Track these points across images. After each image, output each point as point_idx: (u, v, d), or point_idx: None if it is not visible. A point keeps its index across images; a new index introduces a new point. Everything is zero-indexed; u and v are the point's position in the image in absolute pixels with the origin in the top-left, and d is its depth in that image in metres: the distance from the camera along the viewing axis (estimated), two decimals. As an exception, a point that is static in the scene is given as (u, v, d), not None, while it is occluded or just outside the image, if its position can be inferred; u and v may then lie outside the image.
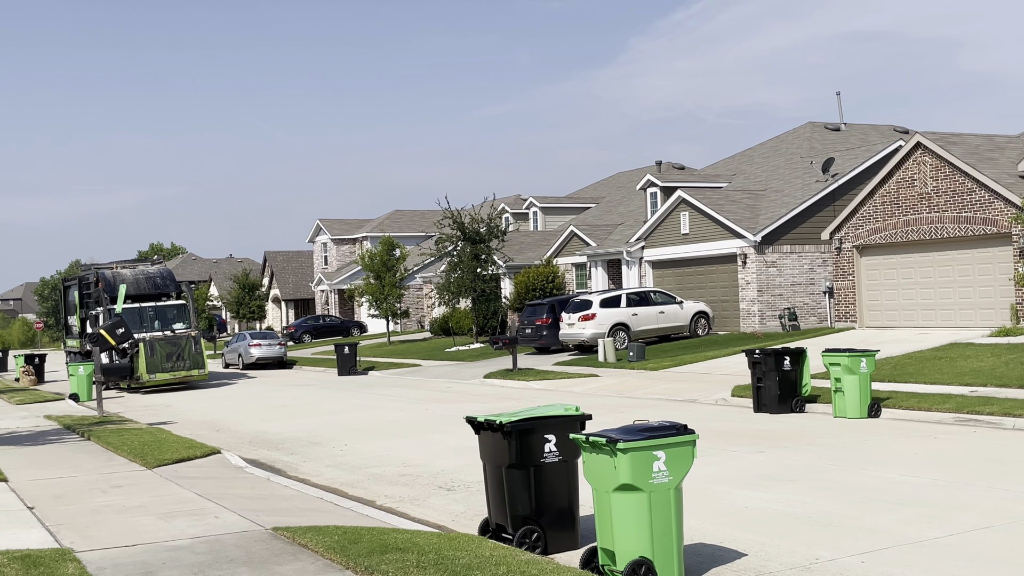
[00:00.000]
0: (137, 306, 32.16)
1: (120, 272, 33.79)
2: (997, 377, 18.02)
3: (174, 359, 30.34)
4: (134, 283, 32.98)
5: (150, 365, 29.97)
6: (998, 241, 25.02)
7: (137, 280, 33.33)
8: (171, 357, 30.32)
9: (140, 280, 33.41)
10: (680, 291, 34.80)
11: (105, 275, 33.01)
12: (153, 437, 16.26)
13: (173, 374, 30.36)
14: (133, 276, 33.57)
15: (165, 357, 30.21)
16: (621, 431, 7.28)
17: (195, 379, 31.15)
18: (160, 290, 33.51)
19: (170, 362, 30.28)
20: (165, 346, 30.38)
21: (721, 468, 11.98)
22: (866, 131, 40.62)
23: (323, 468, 13.96)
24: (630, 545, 7.14)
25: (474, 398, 22.54)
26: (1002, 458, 12.01)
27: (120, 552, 8.28)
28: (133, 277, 33.47)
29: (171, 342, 30.59)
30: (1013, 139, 28.26)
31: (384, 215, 67.66)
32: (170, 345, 30.48)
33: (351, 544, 8.06)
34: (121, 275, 33.34)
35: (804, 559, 7.95)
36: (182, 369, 30.51)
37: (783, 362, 17.12)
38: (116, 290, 31.67)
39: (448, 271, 40.65)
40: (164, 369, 30.18)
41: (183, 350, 30.59)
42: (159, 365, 30.11)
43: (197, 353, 30.92)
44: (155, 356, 30.06)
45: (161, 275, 34.08)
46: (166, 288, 33.71)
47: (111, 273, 33.50)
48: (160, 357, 30.15)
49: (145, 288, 33.19)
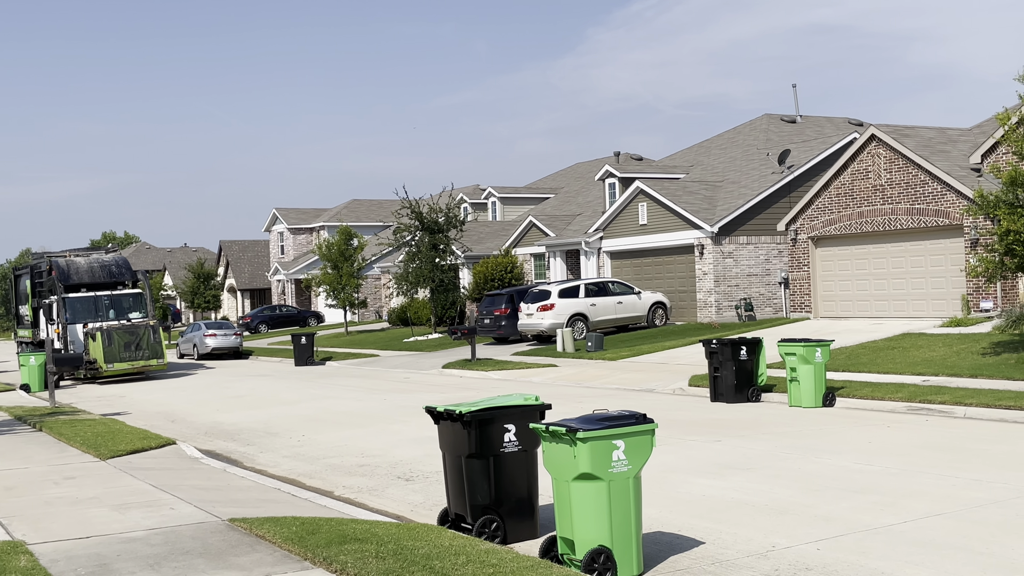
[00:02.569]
0: (92, 295, 31.61)
1: (74, 260, 32.85)
2: (948, 367, 18.32)
3: (132, 348, 29.61)
4: (89, 271, 32.33)
5: (108, 354, 29.24)
6: (950, 233, 25.42)
7: (92, 268, 32.55)
8: (129, 347, 29.57)
9: (95, 268, 32.59)
10: (638, 281, 34.98)
11: (58, 263, 32.16)
12: (107, 428, 16.04)
13: (131, 364, 29.67)
14: (88, 264, 32.71)
15: (123, 346, 29.48)
16: (580, 420, 7.29)
17: (154, 368, 30.54)
18: (116, 279, 32.76)
19: (128, 351, 29.55)
20: (123, 335, 29.61)
21: (679, 457, 12.06)
22: (822, 123, 41.06)
23: (280, 459, 13.86)
24: (589, 534, 7.17)
25: (432, 388, 22.50)
26: (953, 446, 12.20)
27: (73, 544, 8.17)
28: (88, 265, 32.64)
29: (129, 331, 29.84)
30: (965, 132, 28.70)
31: (342, 204, 67.27)
32: (128, 334, 29.72)
33: (309, 535, 8.01)
34: (75, 263, 32.52)
35: (761, 546, 8.02)
36: (141, 359, 29.83)
37: (739, 352, 17.26)
38: (70, 279, 31.52)
39: (406, 261, 40.50)
40: (122, 359, 29.47)
41: (141, 339, 29.85)
42: (117, 354, 29.38)
43: (156, 342, 30.19)
44: (113, 345, 29.34)
45: (116, 263, 33.26)
46: (121, 276, 32.95)
47: (64, 261, 32.61)
48: (118, 346, 29.42)
49: (100, 276, 32.45)
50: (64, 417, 18.05)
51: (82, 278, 32.14)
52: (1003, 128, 19.09)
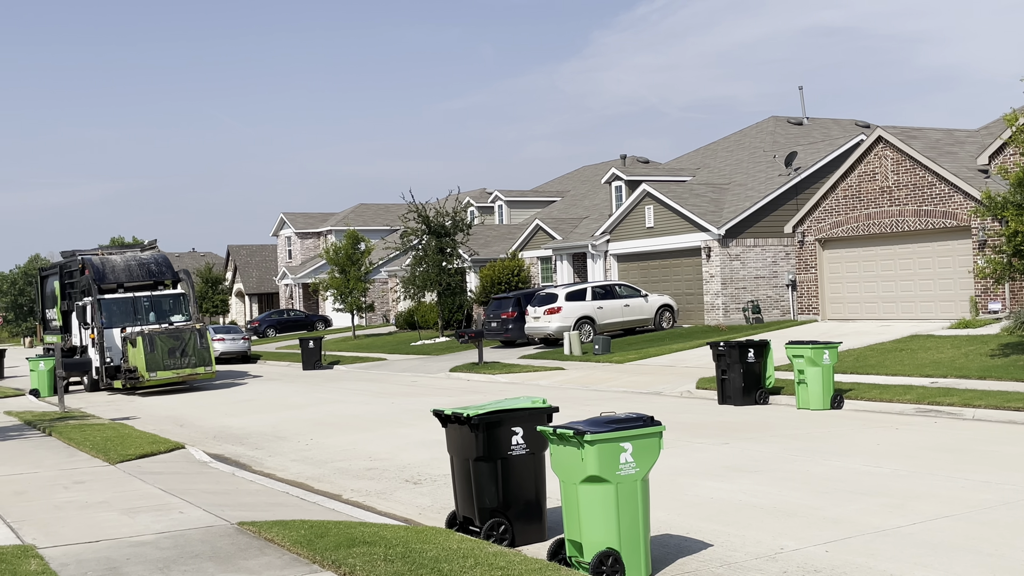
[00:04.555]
0: (131, 296, 28.81)
1: (109, 258, 30.03)
2: (957, 368, 18.28)
3: (177, 355, 26.53)
4: (126, 270, 29.61)
5: (150, 362, 26.10)
6: (958, 234, 25.37)
7: (129, 267, 29.80)
8: (173, 353, 26.48)
9: (132, 267, 29.84)
10: (645, 284, 34.97)
11: (93, 262, 29.27)
12: (116, 432, 16.08)
13: (176, 372, 26.53)
14: (124, 263, 29.95)
15: (167, 353, 26.37)
16: (588, 423, 7.30)
17: (201, 378, 27.40)
18: (155, 278, 29.96)
19: (172, 358, 26.47)
20: (166, 340, 26.47)
21: (687, 460, 12.06)
22: (828, 125, 41.01)
23: (289, 462, 13.89)
24: (597, 536, 7.18)
25: (440, 392, 22.51)
26: (962, 448, 12.19)
27: (83, 548, 8.19)
28: (124, 264, 29.88)
29: (173, 336, 26.70)
30: (973, 133, 28.65)
31: (349, 209, 67.39)
32: (172, 339, 26.59)
33: (318, 538, 8.03)
34: (111, 261, 29.77)
35: (769, 549, 8.02)
36: (186, 366, 26.64)
37: (747, 354, 17.25)
38: (105, 278, 28.97)
39: (413, 265, 40.53)
40: (166, 366, 26.35)
41: (187, 344, 26.70)
42: (160, 362, 26.26)
43: (203, 348, 27.07)
44: (155, 352, 26.20)
45: (156, 261, 30.45)
46: (162, 276, 30.13)
47: (99, 259, 29.68)
48: (161, 353, 26.29)
49: (138, 276, 29.70)
50: (73, 422, 18.10)
51: (119, 278, 29.41)
52: (1010, 129, 19.07)
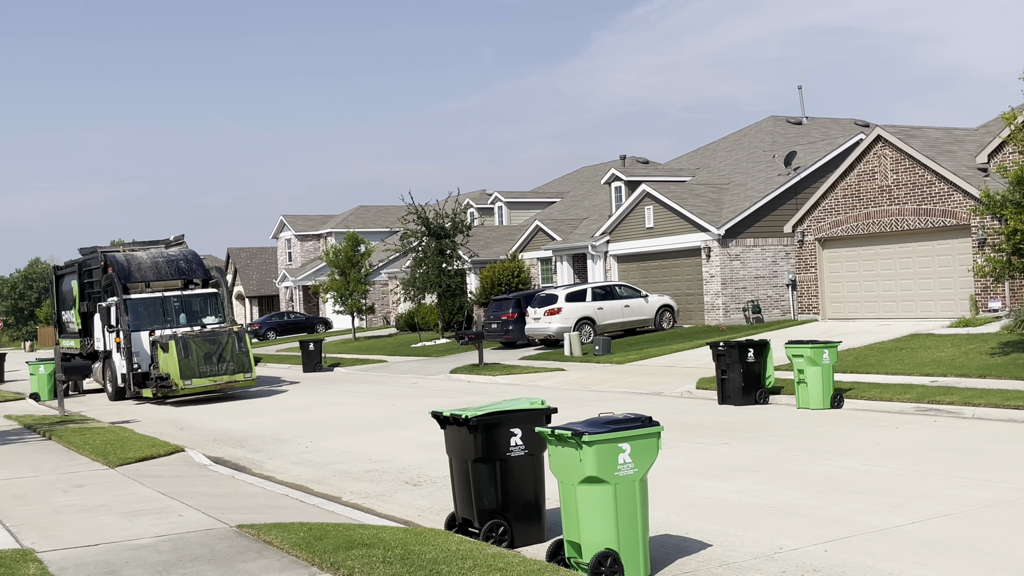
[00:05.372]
0: (159, 295, 26.35)
1: (135, 255, 27.63)
2: (957, 367, 18.28)
3: (214, 360, 23.92)
4: (153, 268, 27.19)
5: (184, 368, 23.49)
6: (957, 233, 25.37)
7: (156, 264, 27.37)
8: (210, 358, 23.89)
9: (160, 264, 27.41)
10: (645, 285, 34.97)
11: (117, 259, 26.91)
12: (115, 436, 16.09)
13: (213, 379, 23.91)
14: (151, 260, 27.49)
15: (203, 358, 23.77)
16: (586, 424, 7.31)
17: (240, 385, 24.67)
18: (185, 276, 27.56)
19: (209, 364, 23.84)
20: (202, 344, 23.92)
21: (686, 460, 12.07)
22: (827, 125, 41.01)
23: (288, 465, 13.89)
24: (596, 537, 7.18)
25: (440, 393, 22.52)
26: (962, 447, 12.19)
27: (82, 552, 8.20)
28: (151, 261, 27.43)
29: (209, 339, 24.13)
30: (972, 132, 28.65)
31: (348, 211, 67.44)
32: (208, 343, 24.04)
33: (317, 540, 8.04)
34: (136, 258, 27.33)
35: (768, 549, 8.03)
36: (224, 373, 24.05)
37: (747, 354, 17.26)
38: (131, 276, 26.56)
39: (413, 267, 40.53)
40: (202, 373, 23.70)
41: (224, 349, 24.12)
42: (195, 368, 23.64)
43: (242, 353, 24.43)
44: (190, 357, 23.62)
45: (185, 258, 28.03)
46: (192, 273, 27.71)
47: (124, 256, 27.32)
48: (196, 358, 23.69)
49: (167, 274, 27.29)
50: (73, 425, 18.10)
51: (146, 276, 26.99)
52: (1009, 128, 19.08)
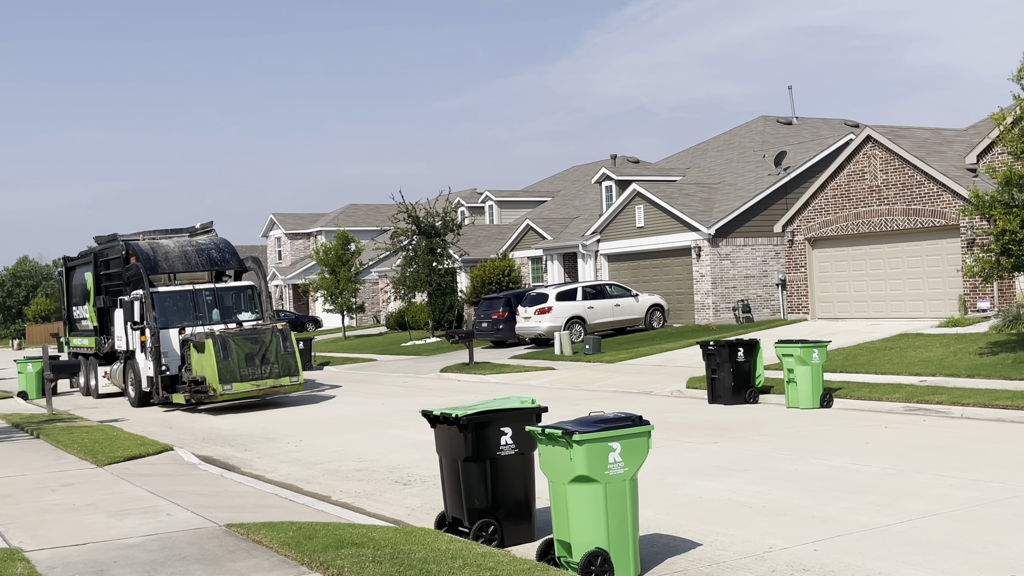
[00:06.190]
0: (190, 288, 23.48)
1: (161, 243, 24.87)
2: (946, 367, 18.36)
3: (256, 362, 20.97)
4: (182, 258, 24.45)
5: (224, 371, 20.55)
6: (946, 233, 25.46)
7: (185, 254, 24.58)
8: (252, 360, 20.93)
9: (189, 254, 24.62)
10: (635, 284, 35.01)
11: (141, 248, 24.12)
12: (104, 435, 16.04)
13: (256, 384, 20.96)
14: (180, 249, 24.69)
15: (244, 360, 20.83)
16: (577, 423, 7.31)
17: (286, 391, 21.69)
18: (218, 267, 24.85)
19: (251, 367, 20.90)
20: (243, 344, 20.99)
21: (676, 459, 12.09)
22: (817, 125, 41.12)
23: (278, 464, 13.87)
24: (586, 536, 7.19)
25: (430, 392, 22.51)
26: (950, 446, 12.24)
27: (70, 551, 8.18)
28: (180, 250, 24.63)
29: (251, 338, 21.16)
30: (961, 133, 28.77)
31: (339, 209, 67.41)
32: (250, 342, 21.08)
33: (306, 540, 8.03)
34: (163, 247, 24.54)
35: (758, 548, 8.04)
36: (268, 376, 21.06)
37: (737, 354, 17.30)
38: (158, 267, 23.90)
39: (404, 265, 40.51)
40: (243, 377, 20.76)
41: (268, 349, 21.15)
42: (236, 371, 20.70)
43: (287, 353, 21.41)
44: (230, 358, 20.69)
45: (217, 247, 25.19)
46: (226, 264, 24.92)
47: (148, 245, 24.52)
48: (237, 360, 20.75)
49: (197, 264, 24.52)
50: (61, 424, 18.04)
51: (174, 266, 24.23)
52: (998, 128, 19.16)
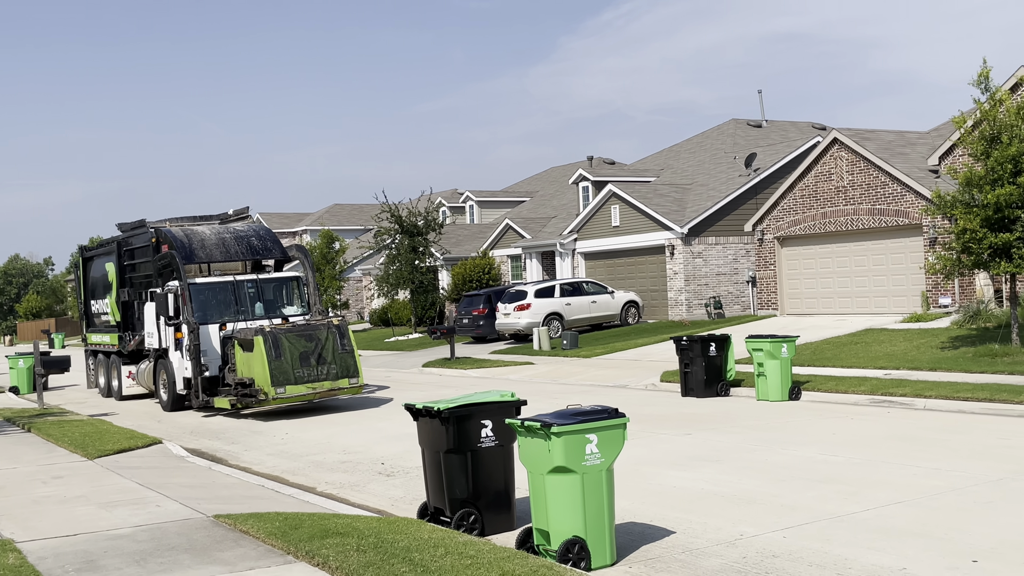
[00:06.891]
0: (230, 279, 20.88)
1: (196, 231, 22.03)
2: (909, 360, 18.72)
3: (312, 362, 18.27)
4: (219, 246, 21.66)
5: (276, 372, 17.84)
6: (910, 232, 25.94)
7: (223, 242, 21.82)
8: (307, 359, 18.22)
9: (228, 242, 21.85)
10: (611, 281, 35.34)
11: (174, 234, 21.37)
12: (94, 428, 16.15)
13: (312, 386, 18.24)
14: (217, 236, 21.91)
15: (298, 359, 18.12)
16: (555, 415, 7.48)
17: (345, 394, 18.94)
18: (259, 255, 22.20)
19: (306, 367, 18.19)
20: (297, 342, 18.25)
21: (651, 450, 12.30)
22: (786, 128, 41.58)
23: (264, 456, 14.04)
24: (564, 525, 7.37)
25: (413, 386, 22.68)
26: (914, 436, 12.51)
27: (61, 542, 8.27)
28: (217, 238, 21.86)
29: (305, 335, 18.42)
30: (923, 135, 29.30)
31: (323, 209, 67.50)
32: (304, 340, 18.36)
33: (292, 530, 8.17)
34: (199, 234, 21.78)
35: (729, 535, 8.24)
36: (326, 378, 18.35)
37: (709, 348, 17.60)
38: (194, 256, 21.21)
39: (387, 263, 40.67)
40: (297, 379, 18.04)
41: (324, 347, 18.47)
42: (290, 372, 17.99)
43: (346, 352, 18.68)
44: (283, 358, 17.98)
45: (258, 234, 22.51)
46: (268, 253, 22.25)
47: (182, 231, 21.76)
48: (290, 359, 18.04)
49: (236, 253, 21.76)
50: (52, 418, 18.11)
51: (211, 255, 21.48)
52: (959, 131, 19.60)
